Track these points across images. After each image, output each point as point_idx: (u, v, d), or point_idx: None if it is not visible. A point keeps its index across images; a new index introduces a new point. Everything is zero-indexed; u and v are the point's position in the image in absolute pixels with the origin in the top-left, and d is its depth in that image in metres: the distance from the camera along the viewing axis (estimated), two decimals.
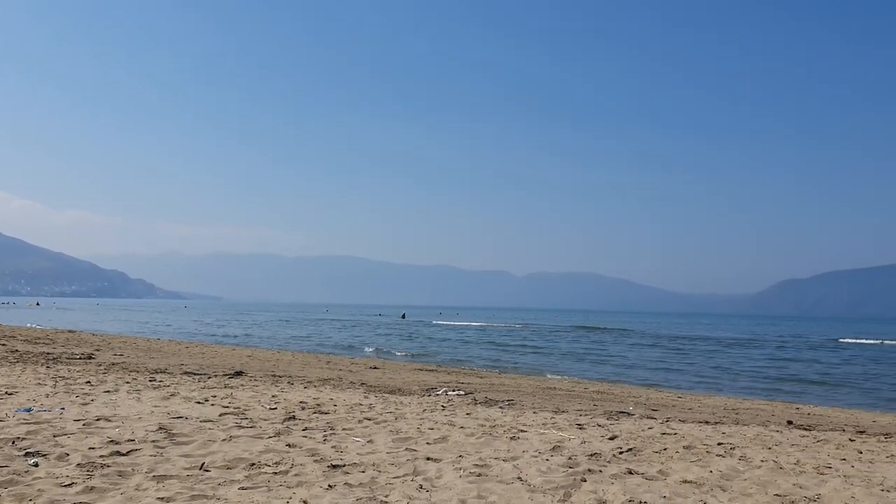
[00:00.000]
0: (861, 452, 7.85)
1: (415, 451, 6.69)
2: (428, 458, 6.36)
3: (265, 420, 8.08)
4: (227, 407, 8.97)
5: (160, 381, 11.70)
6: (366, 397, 11.12)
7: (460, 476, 5.71)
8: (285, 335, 43.22)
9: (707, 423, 10.14)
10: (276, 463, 5.94)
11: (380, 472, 5.79)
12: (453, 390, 13.31)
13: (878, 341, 55.38)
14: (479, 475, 5.78)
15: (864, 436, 9.46)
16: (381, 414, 9.11)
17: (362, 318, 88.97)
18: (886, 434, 9.77)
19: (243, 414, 8.44)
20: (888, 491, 5.81)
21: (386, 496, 5.11)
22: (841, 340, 56.14)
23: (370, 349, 32.39)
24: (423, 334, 48.60)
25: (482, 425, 8.51)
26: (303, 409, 9.23)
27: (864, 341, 55.17)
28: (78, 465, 5.57)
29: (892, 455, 7.76)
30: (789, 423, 10.75)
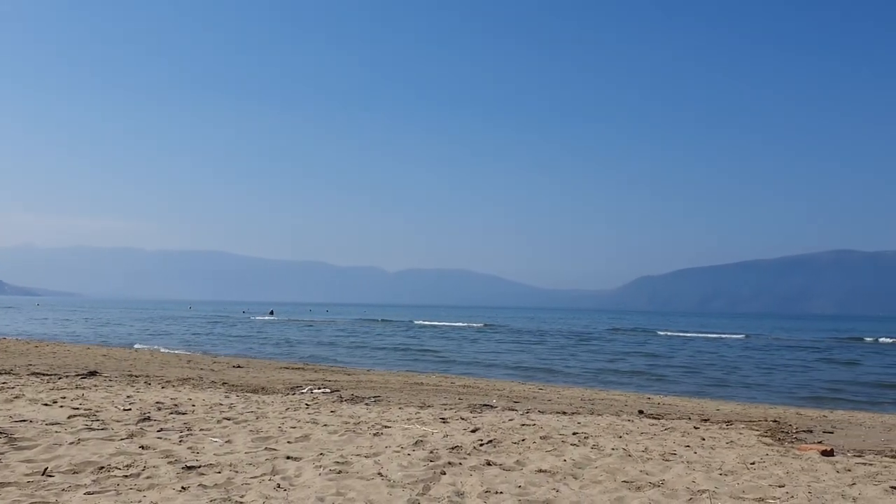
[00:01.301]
0: (704, 439, 8.37)
1: (275, 450, 6.59)
2: (288, 457, 6.27)
3: (118, 421, 7.73)
4: (78, 409, 8.52)
5: (3, 383, 10.95)
6: (227, 397, 10.83)
7: (320, 474, 5.68)
8: (146, 333, 41.40)
9: (565, 413, 10.53)
10: (127, 466, 5.70)
11: (237, 472, 5.66)
12: (319, 388, 13.18)
13: (694, 334, 59.41)
14: (340, 472, 5.76)
15: (707, 423, 10.07)
16: (242, 413, 8.91)
17: (227, 315, 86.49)
18: (728, 422, 10.45)
19: (95, 415, 8.04)
20: (725, 475, 6.21)
21: (242, 496, 5.00)
22: (664, 333, 59.55)
23: (233, 348, 31.56)
24: (292, 332, 47.82)
25: (346, 422, 8.49)
26: (159, 409, 8.90)
27: (684, 334, 58.41)
28: None
29: (731, 441, 8.32)
30: (640, 412, 11.31)
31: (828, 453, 7.52)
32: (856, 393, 18.68)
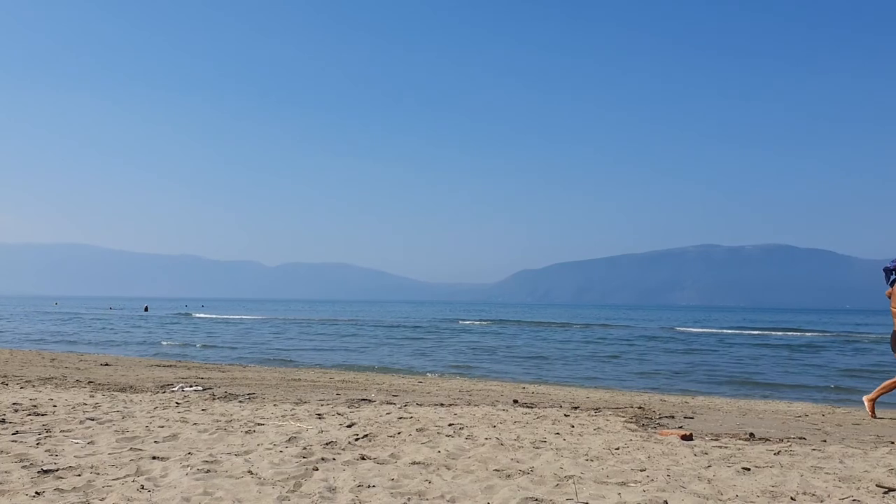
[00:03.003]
0: (573, 426, 8.65)
1: (140, 450, 6.34)
2: (154, 458, 6.05)
3: None
4: None
5: None
6: (91, 396, 10.33)
7: (187, 474, 5.50)
8: (5, 332, 38.87)
9: (442, 405, 10.64)
10: None
11: (98, 474, 5.41)
12: (191, 386, 12.78)
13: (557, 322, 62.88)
14: (208, 471, 5.60)
15: (577, 411, 10.42)
16: (108, 413, 8.52)
17: (96, 311, 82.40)
18: (596, 409, 10.85)
19: None
20: (591, 460, 6.44)
21: (102, 499, 4.78)
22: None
23: (101, 346, 30.11)
24: (173, 327, 46.12)
25: (217, 420, 8.27)
26: (16, 411, 8.39)
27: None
28: None
29: (599, 428, 8.63)
30: (515, 401, 11.58)
31: (687, 437, 7.94)
32: (712, 380, 19.81)
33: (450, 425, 8.28)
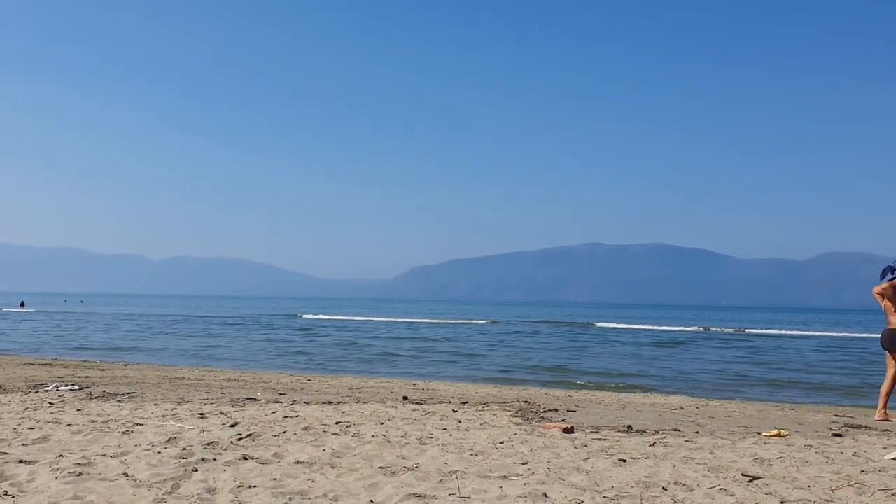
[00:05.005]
0: (460, 422, 8.77)
1: (6, 454, 6.00)
2: (21, 461, 5.74)
3: None
4: None
5: None
6: None
7: (57, 477, 5.25)
8: None
9: (330, 403, 10.56)
10: None
11: None
12: (67, 385, 12.19)
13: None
14: (80, 474, 5.37)
15: (465, 406, 10.56)
16: None
17: None
18: (484, 404, 11.03)
19: None
20: (476, 455, 6.55)
21: None
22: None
23: None
24: (40, 324, 43.81)
25: (93, 421, 7.93)
26: None
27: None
28: None
29: (485, 423, 8.78)
30: (405, 398, 11.63)
31: (569, 430, 8.18)
32: (601, 374, 20.51)
33: (337, 423, 8.23)
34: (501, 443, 7.24)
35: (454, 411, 9.86)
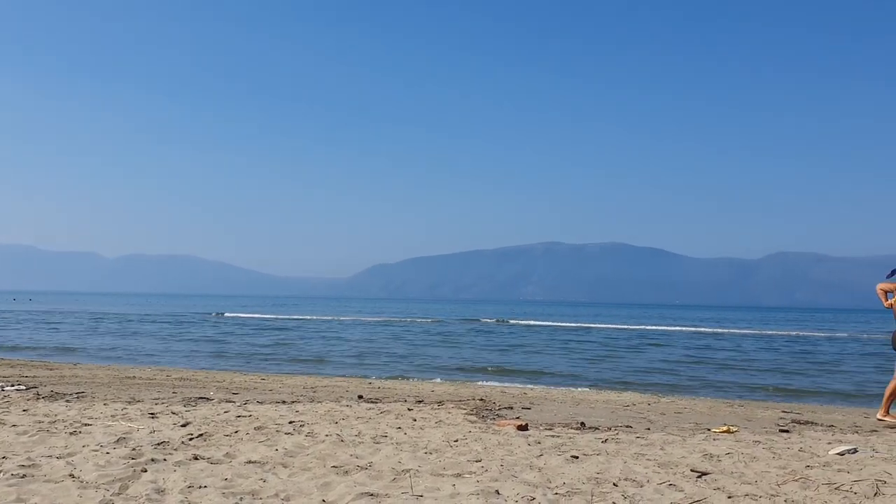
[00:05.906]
0: (416, 420, 8.77)
1: None
2: None
3: None
4: None
5: None
6: None
7: None
8: None
9: (284, 402, 10.48)
10: None
11: None
12: (13, 385, 11.90)
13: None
14: (24, 476, 5.25)
15: (421, 405, 10.57)
16: None
17: None
18: (439, 402, 11.05)
19: None
20: (430, 453, 6.56)
21: None
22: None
23: None
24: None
25: (40, 422, 7.76)
26: None
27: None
28: None
29: (440, 421, 8.80)
30: (360, 397, 11.59)
31: (523, 428, 8.25)
32: (554, 370, 20.68)
33: (290, 423, 8.17)
34: (456, 441, 7.27)
35: (409, 410, 9.86)
